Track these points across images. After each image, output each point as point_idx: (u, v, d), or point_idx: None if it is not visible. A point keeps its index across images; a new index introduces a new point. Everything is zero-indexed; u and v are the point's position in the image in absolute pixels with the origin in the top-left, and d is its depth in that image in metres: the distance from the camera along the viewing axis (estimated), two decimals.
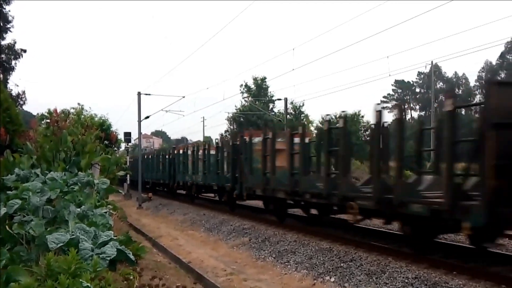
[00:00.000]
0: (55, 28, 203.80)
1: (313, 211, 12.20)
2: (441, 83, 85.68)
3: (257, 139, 13.94)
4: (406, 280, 7.11)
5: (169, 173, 24.57)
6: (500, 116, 6.20)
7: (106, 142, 12.29)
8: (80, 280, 3.62)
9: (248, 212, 16.08)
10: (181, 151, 23.26)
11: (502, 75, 74.20)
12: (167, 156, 25.61)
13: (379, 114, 8.31)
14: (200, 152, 19.72)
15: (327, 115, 11.08)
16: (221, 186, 16.68)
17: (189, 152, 21.47)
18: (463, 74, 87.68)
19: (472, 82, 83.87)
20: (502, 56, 75.28)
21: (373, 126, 8.83)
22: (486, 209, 6.11)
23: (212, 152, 18.28)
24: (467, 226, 6.37)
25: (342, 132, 9.50)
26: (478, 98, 67.60)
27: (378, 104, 9.13)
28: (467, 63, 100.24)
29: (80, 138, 9.10)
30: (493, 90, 6.45)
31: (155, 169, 28.28)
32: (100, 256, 4.37)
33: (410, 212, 7.54)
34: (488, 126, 6.19)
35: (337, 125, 9.93)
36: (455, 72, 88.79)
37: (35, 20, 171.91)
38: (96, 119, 30.72)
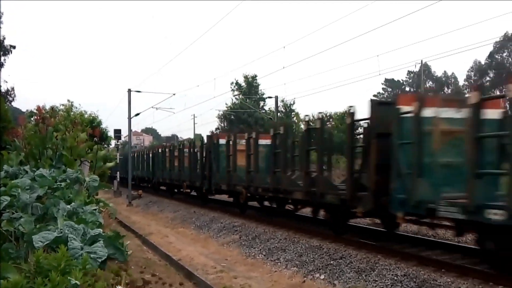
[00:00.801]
0: (47, 26, 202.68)
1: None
2: (430, 82, 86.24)
3: (161, 150, 25.31)
4: (395, 278, 7.16)
5: (125, 169, 31.52)
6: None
7: (95, 139, 12.21)
8: (69, 277, 3.60)
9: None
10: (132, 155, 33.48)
11: (491, 75, 74.88)
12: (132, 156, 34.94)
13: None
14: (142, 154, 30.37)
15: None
16: (149, 177, 27.84)
17: (135, 155, 32.30)
18: (452, 73, 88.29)
19: (461, 82, 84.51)
20: (490, 55, 75.83)
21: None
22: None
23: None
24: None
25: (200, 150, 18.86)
26: None
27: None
28: (456, 63, 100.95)
29: (67, 134, 9.02)
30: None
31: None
32: (91, 256, 4.34)
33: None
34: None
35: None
36: (445, 71, 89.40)
37: (26, 17, 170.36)
38: (86, 116, 30.48)
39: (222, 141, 15.65)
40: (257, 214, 14.44)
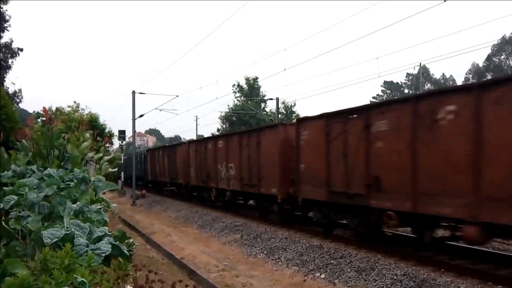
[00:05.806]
0: (53, 28, 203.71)
1: None
2: (429, 85, 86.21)
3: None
4: (394, 277, 7.26)
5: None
6: None
7: (98, 138, 12.38)
8: (75, 275, 3.68)
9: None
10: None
11: (488, 77, 74.85)
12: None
13: None
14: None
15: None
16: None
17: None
18: (451, 75, 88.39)
19: (459, 84, 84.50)
20: (488, 58, 75.75)
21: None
22: None
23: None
24: None
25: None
26: None
27: None
28: (455, 65, 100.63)
29: (72, 135, 9.17)
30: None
31: None
32: (95, 252, 4.43)
33: None
34: None
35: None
36: (443, 74, 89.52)
37: (33, 20, 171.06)
38: (85, 116, 30.50)
39: None
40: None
